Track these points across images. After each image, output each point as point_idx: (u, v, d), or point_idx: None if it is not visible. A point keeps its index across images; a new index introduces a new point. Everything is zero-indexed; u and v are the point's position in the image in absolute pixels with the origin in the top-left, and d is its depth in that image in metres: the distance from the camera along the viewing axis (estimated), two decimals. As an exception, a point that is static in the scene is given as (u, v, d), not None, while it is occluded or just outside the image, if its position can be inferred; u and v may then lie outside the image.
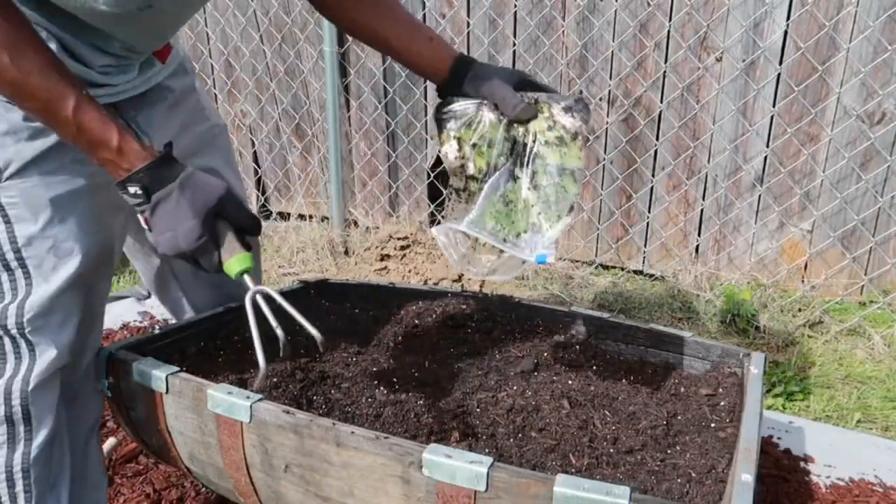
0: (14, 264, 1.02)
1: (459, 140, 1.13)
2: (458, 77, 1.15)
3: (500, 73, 1.13)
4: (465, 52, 2.66)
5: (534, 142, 1.11)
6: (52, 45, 0.97)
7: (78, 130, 0.92)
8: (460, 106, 1.13)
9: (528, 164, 1.12)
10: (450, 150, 1.14)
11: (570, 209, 1.13)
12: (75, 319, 1.09)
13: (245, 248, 0.99)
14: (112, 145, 0.92)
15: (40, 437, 1.07)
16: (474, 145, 1.12)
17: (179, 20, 1.15)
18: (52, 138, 1.01)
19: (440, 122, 1.15)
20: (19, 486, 1.07)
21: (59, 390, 1.10)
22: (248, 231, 1.01)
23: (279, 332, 0.98)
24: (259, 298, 1.00)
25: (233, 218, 0.99)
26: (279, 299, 1.00)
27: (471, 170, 1.13)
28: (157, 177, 0.94)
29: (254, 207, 3.28)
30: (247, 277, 0.99)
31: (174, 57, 1.22)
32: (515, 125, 1.12)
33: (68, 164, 1.04)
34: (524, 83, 1.13)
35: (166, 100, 1.19)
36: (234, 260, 0.97)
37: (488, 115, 1.11)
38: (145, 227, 0.97)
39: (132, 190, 0.94)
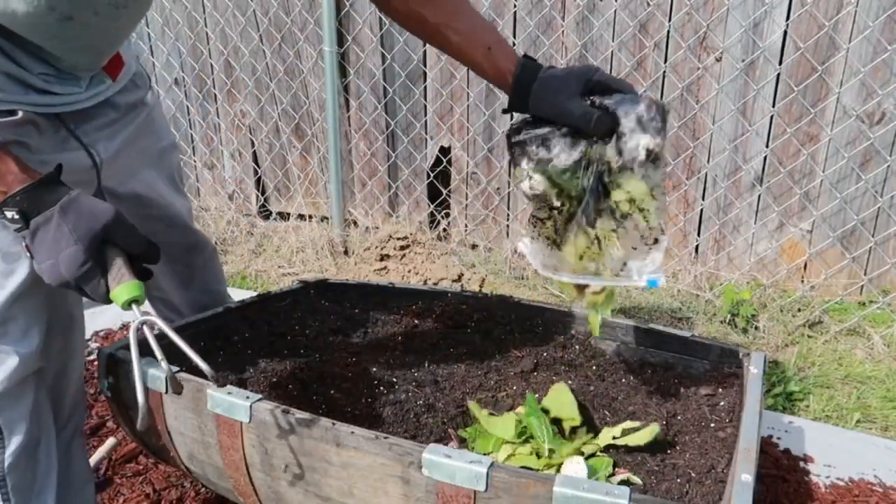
0: None
1: (533, 177, 1.08)
2: (522, 93, 1.07)
3: (566, 83, 1.04)
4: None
5: (609, 170, 1.05)
6: None
7: None
8: (528, 137, 1.07)
9: (608, 197, 1.07)
10: (526, 188, 1.09)
11: (663, 230, 1.09)
12: (41, 325, 1.06)
13: (136, 276, 0.91)
14: None
15: (14, 444, 1.05)
16: (550, 179, 1.07)
17: (110, 36, 1.07)
18: None
19: (512, 153, 1.09)
20: None
21: (37, 396, 1.08)
22: (142, 258, 0.95)
23: (161, 369, 0.93)
24: (146, 330, 0.91)
25: (123, 244, 0.92)
26: (168, 331, 0.90)
27: (554, 202, 1.09)
28: (36, 201, 0.87)
29: (253, 207, 3.28)
30: (135, 308, 0.90)
31: (126, 72, 1.18)
32: (590, 148, 1.05)
33: None
34: (593, 85, 1.04)
35: (108, 116, 1.14)
36: (121, 288, 0.89)
37: (559, 147, 1.04)
38: (27, 255, 0.90)
39: (9, 215, 0.87)
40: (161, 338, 0.89)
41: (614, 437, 1.17)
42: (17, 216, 0.87)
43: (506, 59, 1.09)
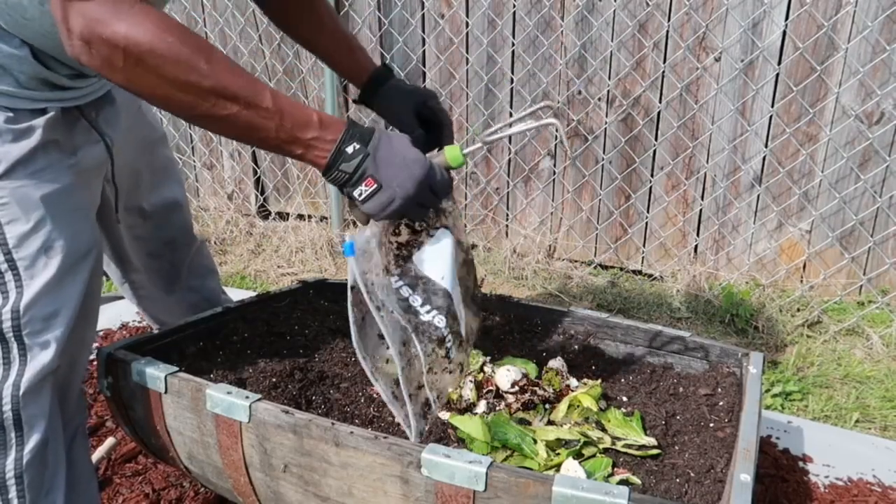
0: (3, 267, 1.01)
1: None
2: (370, 91, 1.29)
3: (407, 96, 1.25)
4: (465, 52, 2.67)
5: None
6: (25, 51, 0.99)
7: (281, 117, 0.94)
8: None
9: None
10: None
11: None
12: (70, 320, 1.08)
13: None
14: (315, 121, 0.97)
15: (32, 441, 1.06)
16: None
17: None
18: (37, 138, 1.02)
19: None
20: (12, 493, 1.05)
21: (52, 392, 1.09)
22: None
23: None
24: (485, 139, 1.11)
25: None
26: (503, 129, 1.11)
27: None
28: (361, 134, 1.00)
29: (252, 207, 3.28)
30: (469, 149, 1.09)
31: None
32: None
33: (55, 163, 1.05)
34: (425, 108, 1.24)
35: (112, 105, 1.22)
36: (447, 154, 1.06)
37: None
38: (364, 191, 1.00)
39: (350, 149, 0.98)
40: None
41: (614, 442, 1.17)
42: (357, 146, 0.98)
43: (364, 62, 1.31)
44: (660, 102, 2.47)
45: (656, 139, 2.52)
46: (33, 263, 1.03)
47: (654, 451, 1.14)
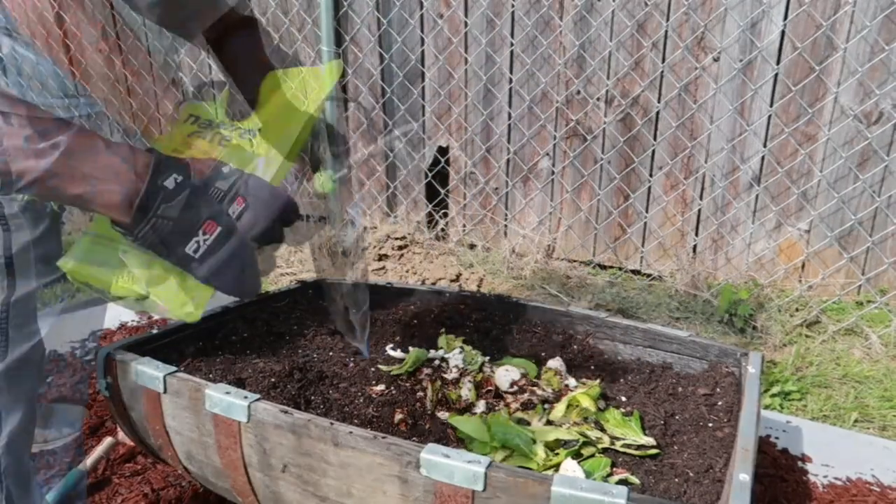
0: (2, 270, 1.06)
1: None
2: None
3: None
4: (464, 52, 2.68)
5: None
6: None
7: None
8: None
9: None
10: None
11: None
12: (54, 311, 1.14)
13: None
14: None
15: (9, 426, 1.09)
16: None
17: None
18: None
19: None
20: None
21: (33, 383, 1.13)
22: None
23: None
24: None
25: None
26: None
27: None
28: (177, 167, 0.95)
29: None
30: (335, 182, 1.05)
31: None
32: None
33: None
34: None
35: None
36: (320, 181, 1.03)
37: None
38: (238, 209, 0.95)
39: (170, 185, 0.90)
40: None
41: (612, 442, 1.17)
42: (178, 178, 0.88)
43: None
44: (658, 102, 2.47)
45: (655, 139, 2.52)
46: (28, 269, 1.08)
47: (653, 451, 1.14)
